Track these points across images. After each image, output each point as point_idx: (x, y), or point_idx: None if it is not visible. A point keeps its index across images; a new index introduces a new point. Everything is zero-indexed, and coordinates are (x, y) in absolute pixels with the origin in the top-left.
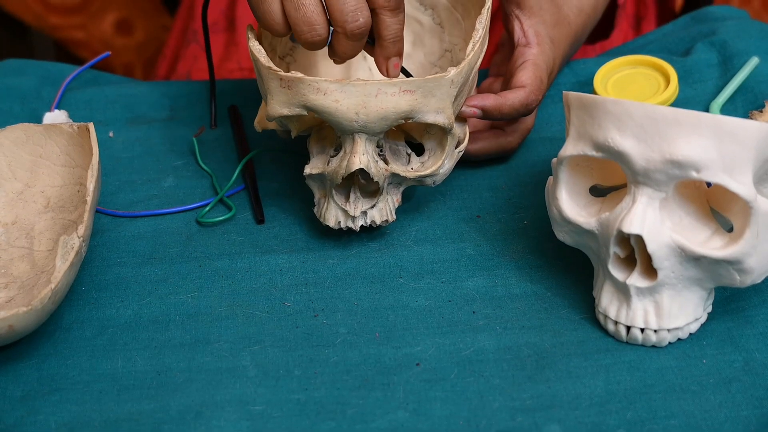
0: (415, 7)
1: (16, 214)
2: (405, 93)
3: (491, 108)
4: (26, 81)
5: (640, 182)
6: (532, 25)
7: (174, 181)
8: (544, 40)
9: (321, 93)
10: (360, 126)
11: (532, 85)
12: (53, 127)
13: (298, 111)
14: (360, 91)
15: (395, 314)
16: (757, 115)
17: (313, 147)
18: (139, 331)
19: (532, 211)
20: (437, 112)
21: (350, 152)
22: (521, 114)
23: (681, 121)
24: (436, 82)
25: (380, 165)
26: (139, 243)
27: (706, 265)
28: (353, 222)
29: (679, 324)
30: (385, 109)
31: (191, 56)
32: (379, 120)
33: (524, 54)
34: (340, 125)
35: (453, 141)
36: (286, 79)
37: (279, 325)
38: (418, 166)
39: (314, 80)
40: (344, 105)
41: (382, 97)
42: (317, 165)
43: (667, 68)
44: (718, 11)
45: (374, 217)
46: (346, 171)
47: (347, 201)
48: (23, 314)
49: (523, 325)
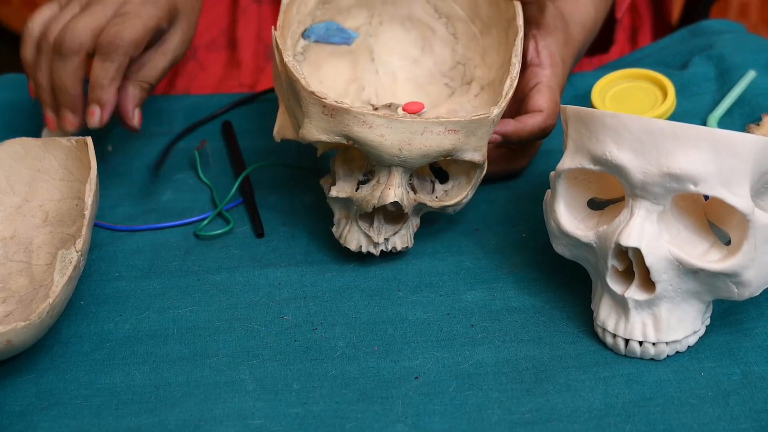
0: (429, 14)
1: (14, 229)
2: (450, 132)
3: (511, 133)
4: (25, 95)
5: (638, 195)
6: (546, 45)
7: (172, 195)
8: (557, 61)
9: (366, 126)
10: (400, 161)
11: (549, 108)
12: (51, 141)
13: (338, 139)
14: (406, 128)
15: (394, 327)
16: (755, 128)
17: (338, 168)
18: (137, 345)
19: (531, 225)
20: (475, 150)
21: (385, 184)
22: (539, 138)
23: (678, 134)
24: (479, 123)
25: (411, 196)
26: (137, 257)
27: (704, 278)
28: (375, 248)
29: (677, 337)
30: (429, 147)
31: (190, 72)
32: (421, 157)
33: (538, 75)
34: (380, 158)
35: (481, 174)
36: (330, 107)
37: (277, 339)
38: (441, 194)
39: (361, 113)
40: (389, 140)
41: (428, 136)
42: (345, 189)
43: (664, 82)
44: (715, 25)
45: (396, 244)
46: (380, 202)
47: (371, 227)
48: (21, 329)
49: (521, 338)
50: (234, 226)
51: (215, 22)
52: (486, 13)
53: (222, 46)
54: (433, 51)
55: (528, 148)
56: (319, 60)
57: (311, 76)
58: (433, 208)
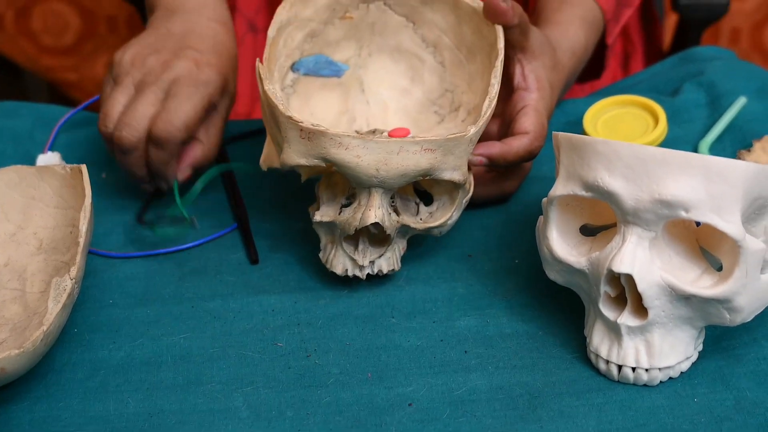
0: (416, 44)
1: (8, 256)
2: (426, 152)
3: (497, 156)
4: (19, 123)
5: (630, 222)
6: (533, 69)
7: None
8: (544, 85)
9: (343, 147)
10: (378, 182)
11: (535, 131)
12: (46, 168)
13: (317, 162)
14: (382, 148)
15: (387, 354)
16: (745, 155)
17: (322, 193)
18: (131, 372)
19: (523, 250)
20: (454, 169)
21: (366, 205)
22: (525, 160)
23: (669, 161)
24: (456, 141)
25: (393, 218)
26: (131, 284)
27: (696, 303)
28: (360, 271)
29: (670, 363)
30: (406, 167)
31: None
32: (399, 177)
33: (524, 99)
34: (358, 179)
35: (464, 194)
36: (307, 130)
37: (271, 366)
38: (426, 216)
39: (337, 135)
40: (365, 161)
41: (404, 155)
42: (328, 213)
43: (655, 108)
44: (705, 51)
45: (381, 267)
46: (361, 224)
47: (356, 250)
48: (15, 356)
49: (515, 364)
50: (190, 228)
51: None
52: (470, 40)
53: None
54: (423, 80)
55: (517, 170)
56: (309, 92)
57: (301, 108)
58: (417, 230)
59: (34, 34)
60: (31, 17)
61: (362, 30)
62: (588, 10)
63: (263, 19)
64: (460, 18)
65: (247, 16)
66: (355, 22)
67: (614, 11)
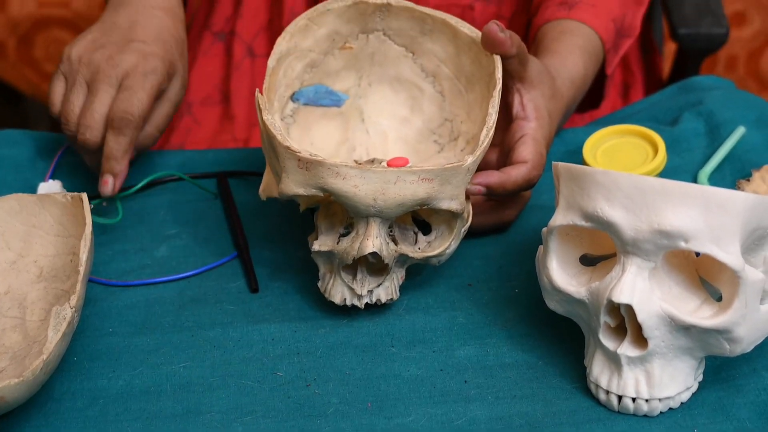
0: (416, 73)
1: (8, 284)
2: (424, 181)
3: (495, 185)
4: (21, 151)
5: (630, 252)
6: (531, 98)
7: (166, 250)
8: (543, 114)
9: (340, 177)
10: (376, 211)
11: (533, 160)
12: (47, 197)
13: (315, 192)
14: (380, 177)
15: (387, 384)
16: (745, 185)
17: (321, 222)
18: (130, 401)
19: (523, 280)
20: (451, 199)
21: (363, 235)
22: (524, 189)
23: (668, 191)
24: (453, 171)
25: (391, 247)
26: (131, 312)
27: (696, 334)
28: (359, 300)
29: (670, 393)
30: (403, 196)
31: (184, 128)
32: (396, 206)
33: (523, 128)
34: (356, 209)
35: (462, 224)
36: (305, 160)
37: (271, 396)
38: (424, 245)
39: (334, 164)
40: (363, 191)
41: (401, 185)
42: (326, 242)
43: (655, 137)
44: (704, 81)
45: (380, 296)
46: (359, 253)
47: (354, 279)
48: (15, 385)
49: (514, 394)
50: (121, 220)
51: (210, 78)
52: (469, 70)
53: (216, 101)
54: (422, 110)
55: (516, 200)
56: (309, 122)
57: (301, 137)
58: (416, 260)
59: (36, 62)
60: (33, 45)
61: (362, 60)
62: (587, 39)
63: (261, 44)
64: (459, 48)
65: (245, 41)
66: (354, 53)
67: (614, 41)
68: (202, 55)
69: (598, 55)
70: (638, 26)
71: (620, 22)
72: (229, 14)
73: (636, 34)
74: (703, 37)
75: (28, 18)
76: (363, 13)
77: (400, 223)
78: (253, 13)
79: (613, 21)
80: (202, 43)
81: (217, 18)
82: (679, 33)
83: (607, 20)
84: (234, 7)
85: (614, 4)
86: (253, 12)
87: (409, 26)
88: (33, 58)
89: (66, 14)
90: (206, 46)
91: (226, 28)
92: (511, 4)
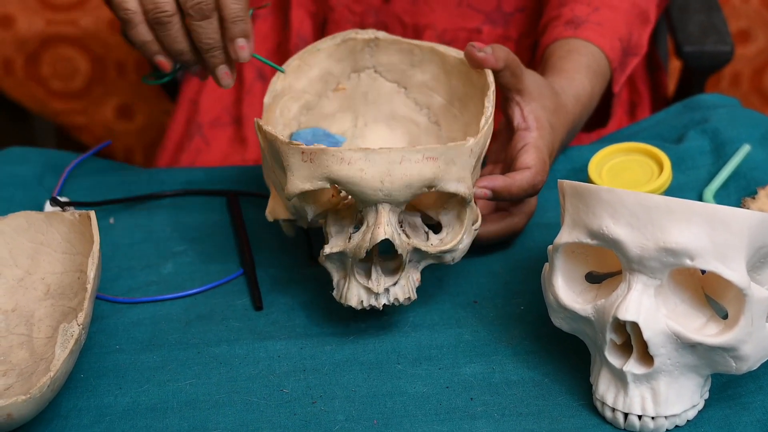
0: (410, 108)
1: (16, 301)
2: (428, 160)
3: (500, 188)
4: (29, 169)
5: (635, 269)
6: (532, 110)
7: (173, 267)
8: (544, 125)
9: (345, 163)
10: (384, 195)
11: (536, 165)
12: (54, 214)
13: (321, 184)
14: (384, 159)
15: (393, 401)
16: (750, 202)
17: (330, 228)
18: (137, 418)
19: (529, 297)
20: (458, 181)
21: (374, 224)
22: (529, 194)
23: (673, 209)
24: (457, 150)
25: (403, 237)
26: (138, 329)
27: (702, 351)
28: (377, 299)
29: (676, 411)
30: (410, 177)
31: (194, 149)
32: (404, 188)
33: (525, 137)
34: (364, 195)
35: (471, 214)
36: (308, 151)
37: (277, 413)
38: (437, 242)
39: (338, 150)
40: (369, 174)
41: (407, 164)
42: (337, 243)
43: (660, 155)
44: (709, 99)
45: (397, 295)
46: (371, 243)
47: (369, 279)
48: (22, 403)
49: (520, 412)
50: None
51: (220, 99)
52: (462, 91)
53: (226, 122)
54: (420, 143)
55: (523, 207)
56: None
57: None
58: (429, 255)
59: (43, 79)
60: (41, 62)
61: (356, 100)
62: (594, 58)
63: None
64: (449, 72)
65: (255, 65)
66: (348, 93)
67: (620, 60)
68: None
69: (605, 73)
70: (645, 45)
71: (627, 41)
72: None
73: (642, 53)
74: (708, 55)
75: (36, 36)
76: (353, 50)
77: (409, 216)
78: (261, 37)
79: (619, 40)
80: None
81: None
82: (684, 51)
83: (614, 39)
84: None
85: (621, 24)
86: (261, 36)
87: (398, 60)
88: (40, 75)
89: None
90: None
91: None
92: (518, 25)
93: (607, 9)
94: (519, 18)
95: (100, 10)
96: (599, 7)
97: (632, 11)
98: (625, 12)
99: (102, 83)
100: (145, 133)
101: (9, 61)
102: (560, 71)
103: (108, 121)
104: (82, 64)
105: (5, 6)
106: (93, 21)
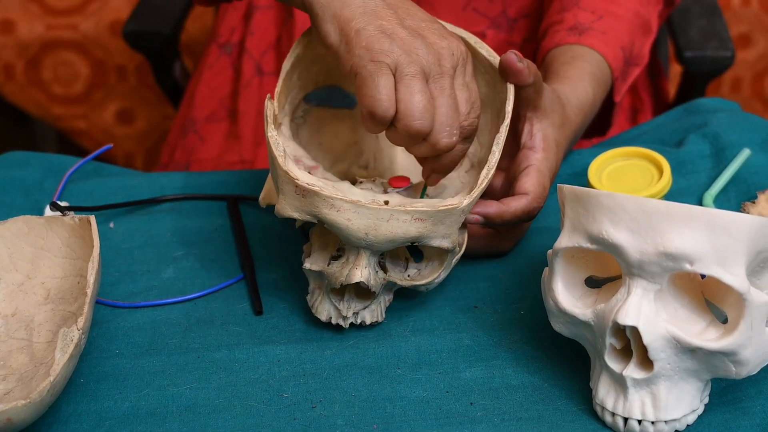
0: None
1: (16, 306)
2: (416, 221)
3: (493, 216)
4: (29, 173)
5: (635, 274)
6: (541, 128)
7: (173, 272)
8: (551, 145)
9: (334, 209)
10: (367, 244)
11: (534, 192)
12: (55, 219)
13: (308, 218)
14: (373, 214)
15: (393, 405)
16: (750, 207)
17: (315, 240)
18: (136, 423)
19: (529, 302)
20: (443, 238)
21: (353, 263)
22: (523, 221)
23: (673, 214)
24: (447, 212)
25: (379, 275)
26: (137, 334)
27: (702, 356)
28: (344, 321)
29: (676, 416)
30: (394, 234)
31: (189, 146)
32: (387, 242)
33: (529, 158)
34: (347, 240)
35: (453, 257)
36: (302, 188)
37: (277, 417)
38: (414, 273)
39: (330, 196)
40: (355, 224)
41: (394, 223)
42: (318, 262)
43: (660, 160)
44: (709, 103)
45: (365, 318)
46: (347, 281)
47: (341, 300)
48: (21, 407)
49: (520, 416)
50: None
51: (215, 94)
52: (483, 92)
53: (221, 118)
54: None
55: (513, 231)
56: (320, 123)
57: (311, 138)
58: (404, 287)
59: (44, 84)
60: (42, 67)
61: None
62: (597, 66)
63: (270, 62)
64: (476, 69)
65: (255, 59)
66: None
67: (622, 69)
68: (208, 69)
69: (607, 82)
70: (646, 55)
71: (629, 51)
72: (234, 24)
73: (644, 63)
74: (709, 60)
75: (37, 40)
76: None
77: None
78: (262, 30)
79: (622, 49)
80: (207, 57)
81: (223, 29)
82: (685, 56)
83: (617, 48)
84: (241, 18)
85: (624, 33)
86: (262, 30)
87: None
88: (41, 80)
89: (74, 36)
90: (212, 59)
91: (231, 39)
92: (522, 31)
93: (611, 17)
94: (523, 24)
95: (100, 15)
96: (603, 15)
97: (635, 21)
98: (628, 21)
99: (102, 88)
100: (146, 138)
101: (10, 66)
102: (564, 78)
103: (108, 126)
104: (82, 68)
105: (6, 11)
106: (93, 26)
